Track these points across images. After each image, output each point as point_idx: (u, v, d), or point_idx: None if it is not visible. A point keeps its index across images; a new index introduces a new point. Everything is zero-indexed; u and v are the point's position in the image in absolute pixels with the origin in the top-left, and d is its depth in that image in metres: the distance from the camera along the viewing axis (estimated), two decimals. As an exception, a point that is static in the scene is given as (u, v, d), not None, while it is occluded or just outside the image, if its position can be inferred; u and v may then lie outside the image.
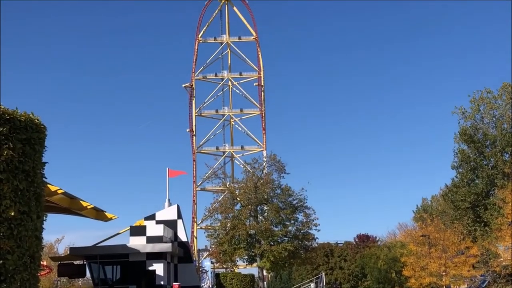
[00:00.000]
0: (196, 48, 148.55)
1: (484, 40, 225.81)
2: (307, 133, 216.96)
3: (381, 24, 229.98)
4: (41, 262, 19.30)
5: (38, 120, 14.30)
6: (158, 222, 36.27)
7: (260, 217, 64.68)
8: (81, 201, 27.70)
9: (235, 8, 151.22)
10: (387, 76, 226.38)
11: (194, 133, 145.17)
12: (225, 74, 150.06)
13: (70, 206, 27.20)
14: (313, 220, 65.29)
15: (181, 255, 38.31)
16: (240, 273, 65.10)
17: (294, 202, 65.56)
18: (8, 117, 13.50)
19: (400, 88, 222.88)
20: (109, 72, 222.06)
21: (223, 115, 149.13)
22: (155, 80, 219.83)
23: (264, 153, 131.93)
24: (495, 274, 62.40)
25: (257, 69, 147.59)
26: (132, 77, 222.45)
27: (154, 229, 35.23)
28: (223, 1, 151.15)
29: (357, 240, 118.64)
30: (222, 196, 69.62)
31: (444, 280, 60.72)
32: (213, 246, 70.48)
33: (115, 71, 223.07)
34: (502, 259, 59.63)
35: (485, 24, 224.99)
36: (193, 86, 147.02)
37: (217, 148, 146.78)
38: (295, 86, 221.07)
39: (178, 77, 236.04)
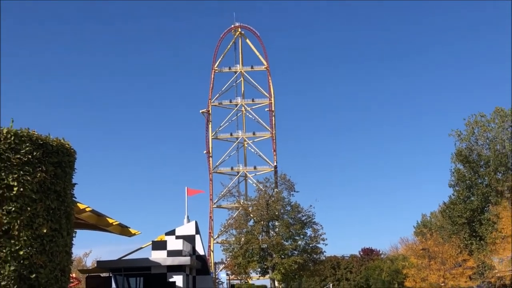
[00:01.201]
0: (212, 77, 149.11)
1: (478, 67, 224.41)
2: (316, 153, 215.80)
3: (387, 45, 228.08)
4: (71, 275, 19.31)
5: (68, 145, 14.42)
6: (178, 237, 36.23)
7: (272, 232, 64.41)
8: (107, 218, 27.74)
9: (248, 41, 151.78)
10: (388, 94, 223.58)
11: (210, 155, 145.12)
12: (238, 100, 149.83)
13: (97, 222, 27.25)
14: (320, 235, 64.98)
15: (199, 268, 38.14)
16: (253, 284, 64.79)
17: (303, 218, 65.31)
18: (41, 142, 13.63)
19: (402, 110, 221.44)
20: (136, 102, 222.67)
21: (237, 138, 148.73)
22: (176, 107, 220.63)
23: (275, 172, 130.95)
24: (490, 285, 61.61)
25: (268, 95, 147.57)
26: (156, 105, 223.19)
27: (174, 243, 35.17)
28: (237, 34, 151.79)
29: (361, 253, 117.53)
30: (237, 213, 69.57)
31: (443, 290, 59.94)
32: (228, 259, 70.16)
33: (142, 101, 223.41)
34: (496, 270, 58.95)
35: (480, 49, 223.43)
36: (210, 111, 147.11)
37: (232, 169, 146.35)
38: (303, 111, 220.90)
39: (196, 103, 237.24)
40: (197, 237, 38.66)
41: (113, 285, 34.34)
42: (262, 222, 63.70)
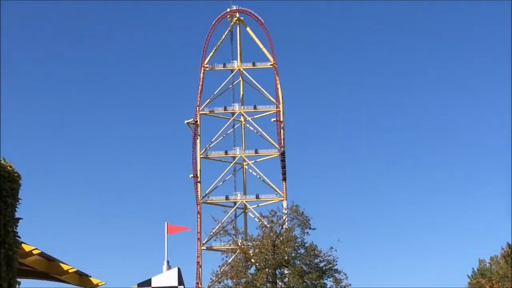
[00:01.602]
0: (201, 77, 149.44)
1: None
2: (337, 178, 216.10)
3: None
4: None
5: (11, 167, 14.31)
6: (154, 290, 36.05)
7: (280, 283, 64.09)
8: (61, 264, 27.54)
9: (248, 29, 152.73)
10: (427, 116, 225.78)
11: (198, 179, 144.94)
12: (236, 107, 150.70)
13: (48, 269, 27.06)
14: (345, 287, 64.57)
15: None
16: None
17: (322, 264, 64.89)
18: (-26, 163, 13.55)
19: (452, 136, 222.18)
20: (94, 106, 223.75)
21: (233, 158, 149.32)
22: (151, 115, 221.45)
23: (284, 203, 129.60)
24: None
25: (275, 101, 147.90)
26: (125, 112, 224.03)
27: (149, 298, 35.01)
28: (234, 21, 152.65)
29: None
30: (233, 257, 69.14)
31: None
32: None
33: (101, 103, 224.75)
34: None
35: None
36: (198, 122, 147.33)
37: (227, 198, 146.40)
38: (321, 121, 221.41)
39: (180, 111, 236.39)
40: (181, 289, 38.46)
41: None
42: (267, 270, 63.36)
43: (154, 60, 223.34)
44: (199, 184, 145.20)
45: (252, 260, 65.24)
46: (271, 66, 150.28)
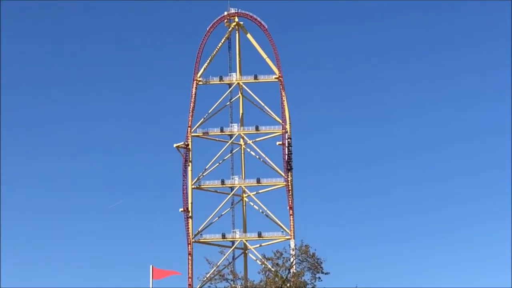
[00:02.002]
0: (193, 92, 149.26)
1: None
2: (355, 211, 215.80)
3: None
4: None
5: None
6: None
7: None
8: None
9: (249, 36, 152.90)
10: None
11: (190, 214, 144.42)
12: (235, 128, 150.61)
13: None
14: None
15: None
16: None
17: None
18: None
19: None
20: (77, 127, 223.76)
21: (231, 188, 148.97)
22: (134, 137, 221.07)
23: (292, 243, 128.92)
24: None
25: (281, 121, 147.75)
26: (104, 134, 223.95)
27: None
28: (232, 26, 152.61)
29: None
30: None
31: None
32: None
33: (86, 124, 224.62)
34: None
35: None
36: (189, 145, 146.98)
37: (224, 236, 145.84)
38: (336, 143, 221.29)
39: (168, 132, 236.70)
40: None
41: None
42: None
43: (138, 72, 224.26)
44: (190, 220, 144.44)
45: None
46: (276, 80, 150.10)
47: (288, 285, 64.08)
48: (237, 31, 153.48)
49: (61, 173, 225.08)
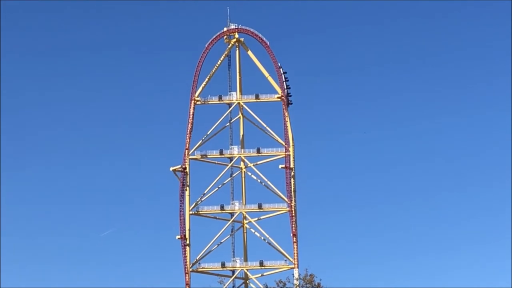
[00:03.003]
0: (191, 112, 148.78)
1: None
2: (361, 238, 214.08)
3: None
4: None
5: None
6: None
7: None
8: None
9: (250, 53, 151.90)
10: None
11: (187, 242, 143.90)
12: (235, 151, 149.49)
13: None
14: None
15: None
16: None
17: None
18: None
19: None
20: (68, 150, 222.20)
21: (231, 214, 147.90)
22: (128, 160, 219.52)
23: (296, 272, 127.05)
24: None
25: (284, 143, 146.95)
26: (93, 155, 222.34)
27: None
28: (232, 43, 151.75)
29: None
30: None
31: None
32: None
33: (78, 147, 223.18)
34: None
35: None
36: (187, 169, 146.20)
37: (223, 265, 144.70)
38: (341, 168, 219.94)
39: (164, 155, 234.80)
40: None
41: None
42: None
43: (132, 91, 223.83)
44: (188, 248, 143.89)
45: None
46: (279, 99, 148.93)
47: (291, 318, 61.22)
48: (237, 48, 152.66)
49: (50, 197, 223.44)
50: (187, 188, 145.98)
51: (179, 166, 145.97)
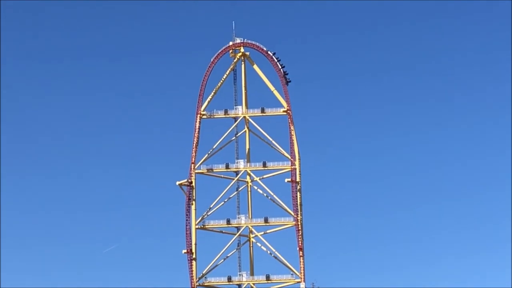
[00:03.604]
0: (197, 126, 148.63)
1: None
2: (368, 252, 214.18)
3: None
4: None
5: None
6: None
7: None
8: None
9: (255, 67, 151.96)
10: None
11: (193, 256, 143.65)
12: (241, 165, 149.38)
13: None
14: None
15: None
16: None
17: None
18: None
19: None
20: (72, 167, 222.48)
21: (238, 228, 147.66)
22: (133, 175, 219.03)
23: (302, 286, 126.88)
24: None
25: (289, 157, 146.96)
26: (98, 168, 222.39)
27: None
28: (238, 57, 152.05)
29: None
30: None
31: None
32: None
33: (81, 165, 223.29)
34: None
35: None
36: (193, 183, 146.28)
37: (230, 279, 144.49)
38: (347, 181, 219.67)
39: (170, 169, 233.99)
40: None
41: None
42: None
43: (138, 104, 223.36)
44: (194, 262, 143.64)
45: None
46: (285, 113, 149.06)
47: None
48: (243, 62, 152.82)
49: (54, 209, 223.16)
50: (193, 202, 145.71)
51: (185, 180, 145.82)
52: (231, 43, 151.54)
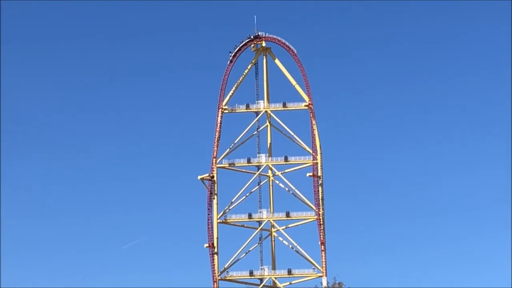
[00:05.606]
0: (219, 121, 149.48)
1: None
2: (390, 246, 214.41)
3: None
4: None
5: None
6: None
7: None
8: None
9: (277, 61, 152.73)
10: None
11: (215, 250, 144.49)
12: (262, 159, 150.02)
13: None
14: None
15: None
16: None
17: None
18: None
19: None
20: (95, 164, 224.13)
21: (259, 223, 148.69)
22: (156, 169, 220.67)
23: (324, 280, 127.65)
24: None
25: (311, 151, 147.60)
26: (120, 164, 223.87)
27: None
28: (259, 52, 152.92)
29: None
30: None
31: None
32: None
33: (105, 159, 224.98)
34: None
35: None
36: (214, 177, 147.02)
37: (251, 274, 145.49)
38: (368, 175, 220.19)
39: (192, 164, 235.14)
40: None
41: None
42: None
43: (160, 100, 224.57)
44: (216, 256, 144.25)
45: None
46: (306, 108, 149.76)
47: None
48: (264, 56, 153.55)
49: (72, 206, 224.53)
50: (215, 196, 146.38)
51: (207, 174, 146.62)
52: (252, 36, 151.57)
